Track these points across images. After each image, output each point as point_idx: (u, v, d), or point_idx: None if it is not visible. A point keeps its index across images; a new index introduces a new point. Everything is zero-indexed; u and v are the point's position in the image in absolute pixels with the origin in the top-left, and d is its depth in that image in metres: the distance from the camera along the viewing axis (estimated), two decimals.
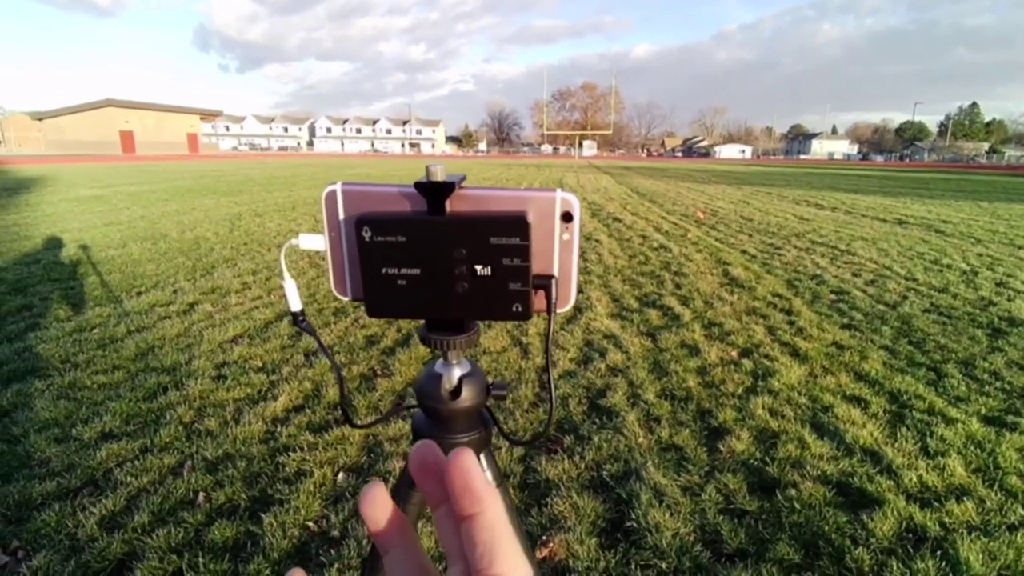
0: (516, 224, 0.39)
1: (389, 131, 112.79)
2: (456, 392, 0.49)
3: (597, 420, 2.48)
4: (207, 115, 70.15)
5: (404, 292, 0.42)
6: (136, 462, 2.11)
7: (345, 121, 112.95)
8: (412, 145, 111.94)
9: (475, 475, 0.21)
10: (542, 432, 0.64)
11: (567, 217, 0.42)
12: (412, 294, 0.42)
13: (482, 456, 0.58)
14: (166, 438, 2.28)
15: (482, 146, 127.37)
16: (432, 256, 0.41)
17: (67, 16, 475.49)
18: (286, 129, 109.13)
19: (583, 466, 2.14)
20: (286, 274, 0.48)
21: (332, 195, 0.44)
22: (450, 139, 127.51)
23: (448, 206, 0.41)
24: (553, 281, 0.43)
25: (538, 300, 0.44)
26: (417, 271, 0.41)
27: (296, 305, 0.49)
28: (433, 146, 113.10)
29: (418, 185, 0.41)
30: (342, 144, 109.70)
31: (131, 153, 53.92)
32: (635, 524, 1.82)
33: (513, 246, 0.40)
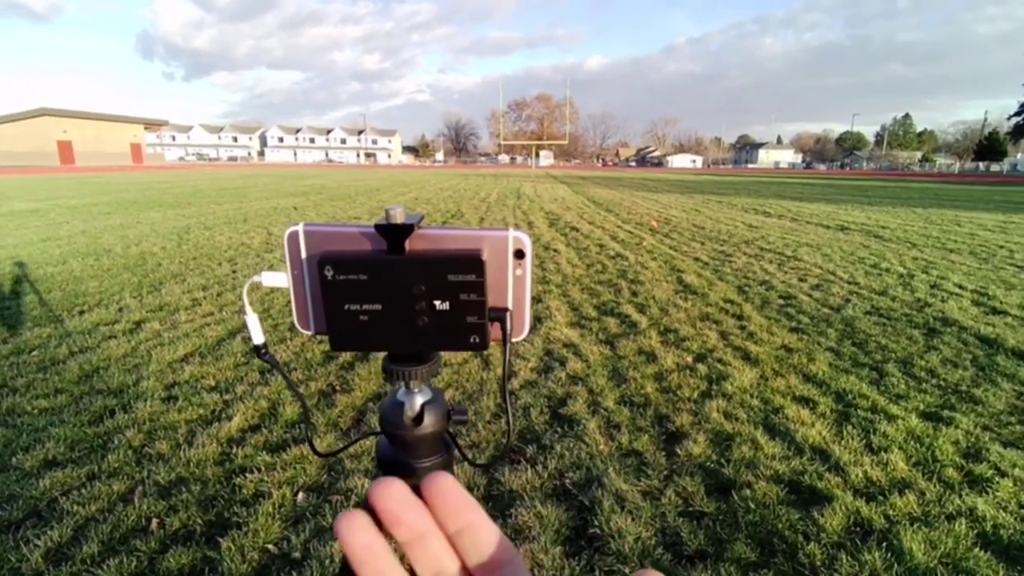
0: (471, 262, 0.42)
1: (344, 141, 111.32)
2: (419, 419, 0.50)
3: (559, 429, 2.51)
4: (152, 125, 67.81)
5: (366, 327, 0.44)
6: (83, 490, 2.02)
7: (298, 131, 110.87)
8: (368, 155, 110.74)
9: (459, 492, 0.23)
10: (499, 456, 0.66)
11: (519, 254, 0.45)
12: (374, 328, 0.44)
13: None
14: (114, 463, 2.19)
15: (439, 156, 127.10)
16: (393, 293, 0.43)
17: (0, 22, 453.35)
18: (236, 139, 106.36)
19: (546, 475, 2.16)
20: (248, 309, 0.49)
21: (295, 235, 0.45)
22: (407, 149, 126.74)
23: (407, 245, 0.43)
24: (508, 313, 0.45)
25: (494, 331, 0.46)
26: (379, 307, 0.43)
27: (259, 338, 0.50)
28: (389, 156, 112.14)
29: (378, 227, 0.43)
30: (295, 154, 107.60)
31: (70, 164, 51.58)
32: (598, 531, 1.85)
33: (469, 282, 0.42)
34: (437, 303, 0.43)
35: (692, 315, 4.18)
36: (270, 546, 1.77)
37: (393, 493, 0.25)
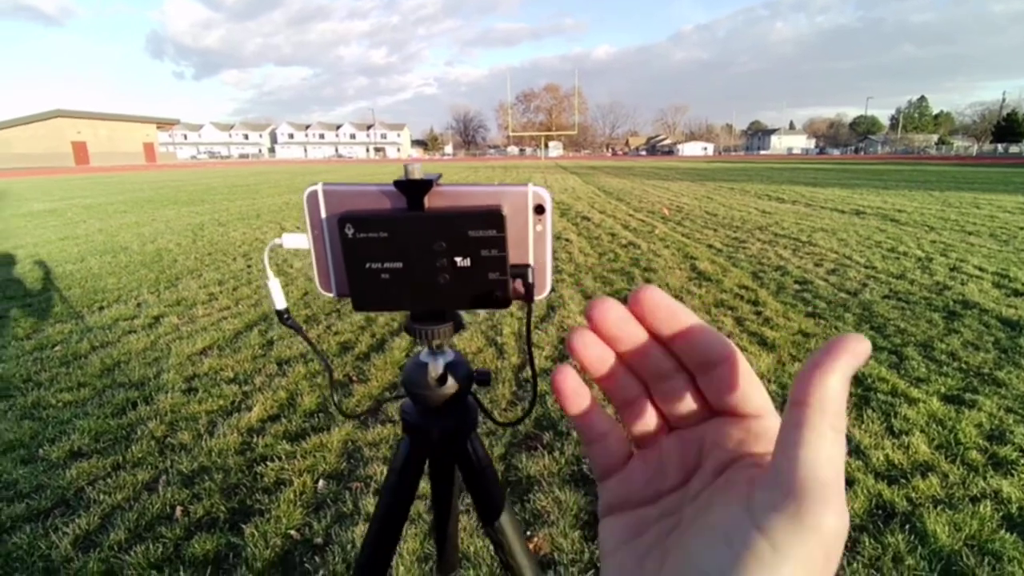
0: (492, 217, 0.42)
1: (353, 136, 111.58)
2: (442, 379, 0.50)
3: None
4: (163, 124, 68.46)
5: (388, 285, 0.43)
6: (108, 479, 2.06)
7: (307, 127, 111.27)
8: (377, 150, 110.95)
9: (669, 299, 0.26)
10: (524, 415, 0.66)
11: (539, 209, 0.44)
12: (396, 287, 0.43)
13: (471, 439, 0.59)
14: (138, 454, 2.23)
15: (448, 149, 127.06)
16: (414, 250, 0.42)
17: (12, 25, 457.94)
18: (246, 136, 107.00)
19: (563, 461, 2.17)
20: (270, 273, 0.49)
21: (314, 195, 0.45)
22: (416, 143, 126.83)
23: (427, 202, 0.42)
24: (529, 269, 0.45)
25: (516, 288, 0.46)
26: (400, 265, 0.43)
27: (281, 303, 0.50)
28: (399, 150, 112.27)
29: (397, 183, 0.42)
30: (305, 150, 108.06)
31: (85, 165, 52.19)
32: None
33: (490, 238, 0.42)
34: (458, 260, 0.42)
35: (707, 301, 4.16)
36: (292, 532, 1.80)
37: (610, 311, 0.26)
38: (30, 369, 3.03)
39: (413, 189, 0.42)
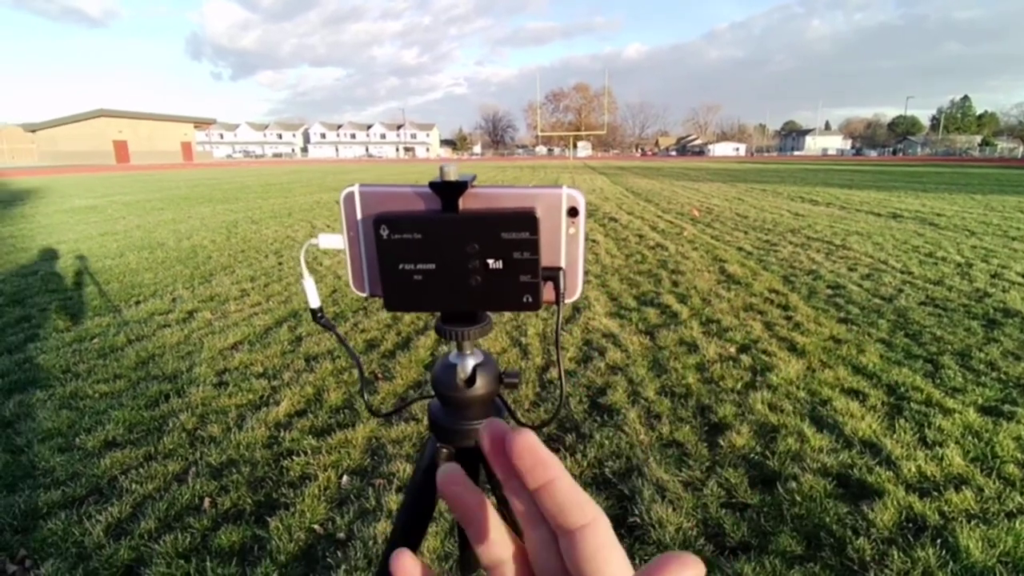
0: (526, 219, 0.41)
1: (383, 136, 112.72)
2: (471, 380, 0.50)
3: (598, 418, 2.50)
4: (201, 123, 70.17)
5: (420, 286, 0.44)
6: (140, 469, 2.12)
7: (339, 127, 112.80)
8: (407, 149, 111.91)
9: (540, 449, 0.23)
10: (551, 418, 0.66)
11: (573, 212, 0.44)
12: (428, 288, 0.44)
13: None
14: (169, 445, 2.29)
15: (476, 149, 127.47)
16: (447, 251, 0.43)
17: (59, 27, 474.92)
18: (280, 136, 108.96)
19: (585, 464, 2.16)
20: (306, 272, 0.50)
21: (350, 196, 0.46)
22: (444, 142, 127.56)
23: (461, 204, 0.43)
24: (561, 273, 0.45)
25: (546, 291, 0.46)
26: (432, 266, 0.43)
27: (315, 302, 0.51)
28: (428, 150, 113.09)
29: (432, 185, 0.43)
30: (336, 150, 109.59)
31: (125, 163, 53.82)
32: (639, 520, 1.84)
33: (523, 240, 0.42)
34: (490, 262, 0.42)
35: (735, 305, 4.09)
36: (316, 526, 1.82)
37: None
38: (69, 360, 3.14)
39: (448, 191, 0.43)
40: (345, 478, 2.08)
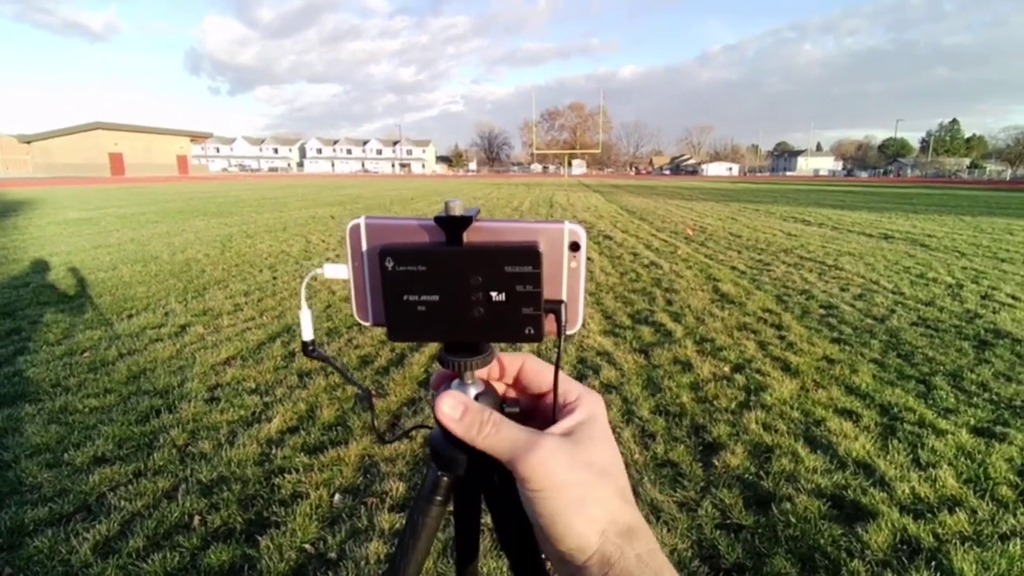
0: (529, 253, 0.43)
1: (380, 151, 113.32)
2: None
3: None
4: (197, 137, 70.24)
5: (424, 317, 0.45)
6: (130, 486, 2.10)
7: (335, 142, 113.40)
8: (403, 165, 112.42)
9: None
10: None
11: (575, 247, 0.45)
12: (431, 319, 0.45)
13: (498, 469, 0.60)
14: (160, 461, 2.26)
15: (472, 165, 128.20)
16: (450, 283, 0.44)
17: (61, 40, 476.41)
18: (276, 150, 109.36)
19: None
20: (304, 304, 0.50)
21: (356, 228, 0.47)
22: (440, 159, 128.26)
23: (465, 237, 0.44)
24: (562, 305, 0.46)
25: (548, 323, 0.47)
26: (436, 297, 0.44)
27: (308, 334, 0.51)
28: (423, 166, 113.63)
29: (438, 219, 0.44)
30: (332, 165, 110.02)
31: (120, 175, 53.75)
32: None
33: (526, 274, 0.43)
34: (493, 294, 0.43)
35: (729, 324, 4.11)
36: (307, 546, 1.80)
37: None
38: (59, 374, 3.11)
39: (453, 225, 0.44)
40: (337, 497, 2.06)
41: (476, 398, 0.50)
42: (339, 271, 0.49)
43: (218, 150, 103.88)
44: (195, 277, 5.71)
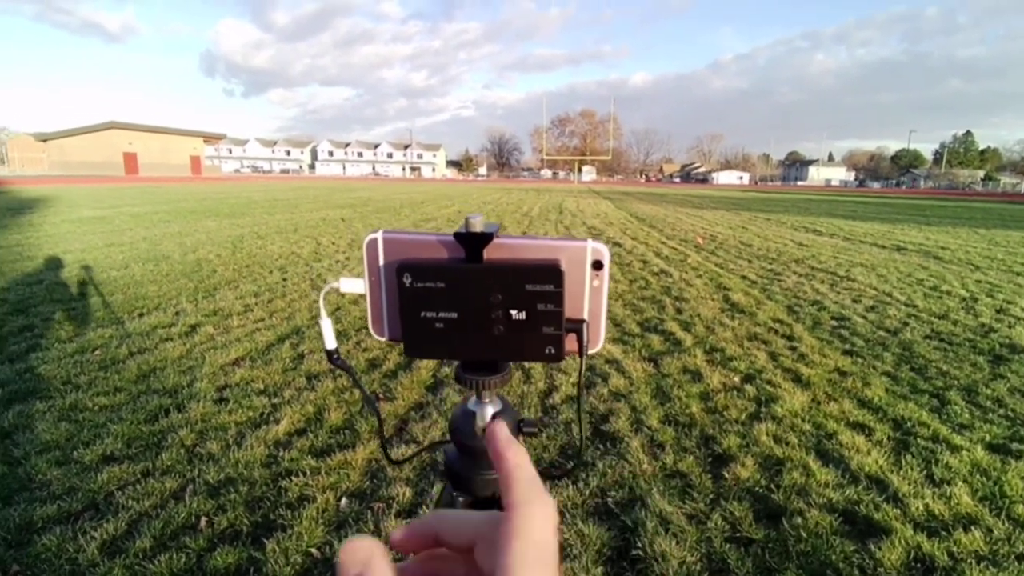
0: (551, 272, 0.42)
1: (390, 155, 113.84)
2: None
3: (601, 446, 2.47)
4: (211, 138, 70.79)
5: (441, 334, 0.44)
6: (137, 486, 2.10)
7: (347, 145, 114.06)
8: (413, 169, 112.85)
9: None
10: (571, 468, 0.66)
11: (597, 265, 0.44)
12: (449, 336, 0.44)
13: None
14: (168, 461, 2.27)
15: (482, 171, 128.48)
16: (470, 301, 0.43)
17: (78, 40, 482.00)
18: (288, 152, 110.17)
19: (587, 493, 2.13)
20: (324, 313, 0.50)
21: (373, 243, 0.46)
22: (450, 163, 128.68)
23: (485, 254, 0.43)
24: (584, 325, 0.45)
25: (569, 342, 0.46)
26: (455, 315, 0.43)
27: (331, 343, 0.51)
28: (434, 170, 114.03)
29: (457, 235, 0.43)
30: (343, 167, 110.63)
31: (134, 175, 54.27)
32: (641, 552, 1.81)
33: (547, 292, 0.42)
34: (513, 313, 0.42)
35: (739, 334, 4.07)
36: (313, 550, 1.80)
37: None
38: (70, 372, 3.12)
39: (473, 241, 0.43)
40: (344, 501, 2.05)
41: (493, 417, 0.50)
42: (356, 285, 0.48)
43: (231, 151, 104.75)
44: (206, 277, 5.75)
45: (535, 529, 0.26)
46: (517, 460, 0.30)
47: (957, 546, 1.85)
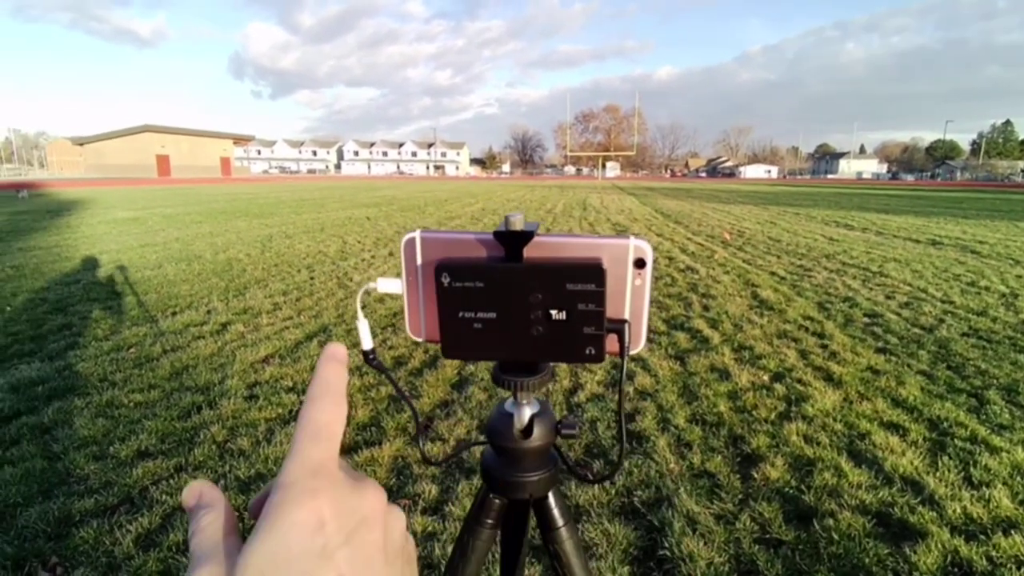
0: (592, 271, 0.41)
1: (415, 154, 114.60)
2: (527, 431, 0.49)
3: (627, 445, 2.45)
4: (240, 140, 72.18)
5: (480, 335, 0.43)
6: (171, 480, 2.15)
7: (372, 144, 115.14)
8: (437, 167, 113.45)
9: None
10: (611, 472, 0.65)
11: (640, 263, 0.43)
12: (487, 337, 0.43)
13: (551, 494, 0.58)
14: (200, 457, 2.32)
15: (505, 168, 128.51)
16: (509, 301, 0.42)
17: (112, 47, 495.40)
18: (315, 153, 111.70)
19: (614, 492, 2.11)
20: (360, 314, 0.49)
21: (411, 242, 0.45)
22: (474, 161, 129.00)
23: (524, 253, 0.42)
24: (626, 325, 0.44)
25: (609, 343, 0.45)
26: (493, 315, 0.42)
27: (368, 343, 0.50)
28: (457, 168, 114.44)
29: (497, 233, 0.42)
30: (368, 167, 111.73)
31: (167, 176, 55.62)
32: (668, 553, 1.79)
33: (588, 292, 0.41)
34: (553, 313, 0.42)
35: (768, 332, 4.00)
36: None
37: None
38: (106, 369, 3.21)
39: (512, 240, 0.42)
40: None
41: (532, 418, 0.49)
42: (393, 285, 0.47)
43: (259, 152, 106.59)
44: (236, 276, 5.86)
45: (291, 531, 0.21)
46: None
47: (996, 550, 1.79)
